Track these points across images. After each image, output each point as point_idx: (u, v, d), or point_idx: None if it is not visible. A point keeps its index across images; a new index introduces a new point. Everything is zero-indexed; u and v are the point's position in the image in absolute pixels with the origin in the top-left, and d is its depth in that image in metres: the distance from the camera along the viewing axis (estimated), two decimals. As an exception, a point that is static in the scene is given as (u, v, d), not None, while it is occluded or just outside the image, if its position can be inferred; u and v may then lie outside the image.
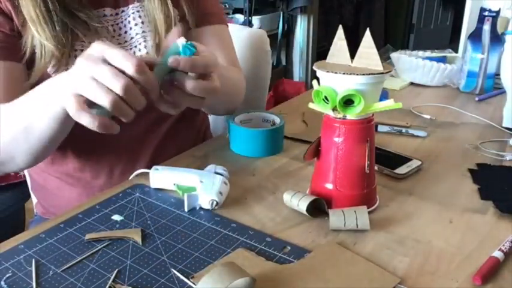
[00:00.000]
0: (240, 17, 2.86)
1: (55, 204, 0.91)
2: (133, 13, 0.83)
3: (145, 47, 0.82)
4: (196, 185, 0.69)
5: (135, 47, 0.82)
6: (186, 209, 0.67)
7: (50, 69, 0.76)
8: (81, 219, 0.65)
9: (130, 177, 0.76)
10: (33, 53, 0.74)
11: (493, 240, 0.61)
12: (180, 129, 0.93)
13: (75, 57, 0.75)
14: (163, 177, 0.72)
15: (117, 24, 0.82)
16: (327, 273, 0.54)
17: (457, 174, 0.79)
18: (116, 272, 0.55)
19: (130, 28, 0.83)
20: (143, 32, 0.82)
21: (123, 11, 0.83)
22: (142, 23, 0.83)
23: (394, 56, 1.30)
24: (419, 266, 0.56)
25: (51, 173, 0.88)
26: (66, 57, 0.75)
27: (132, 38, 0.82)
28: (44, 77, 0.76)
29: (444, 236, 0.62)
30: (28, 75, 0.75)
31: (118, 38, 0.82)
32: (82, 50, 0.77)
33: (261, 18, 2.93)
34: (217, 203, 0.66)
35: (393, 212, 0.68)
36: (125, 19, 0.83)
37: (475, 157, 0.85)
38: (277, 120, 0.88)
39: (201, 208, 0.68)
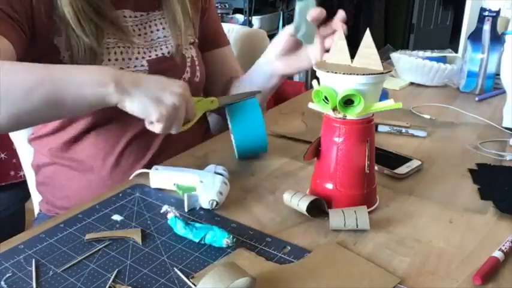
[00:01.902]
0: (240, 17, 2.86)
1: (63, 195, 0.91)
2: (154, 20, 0.91)
3: (166, 48, 0.90)
4: (196, 185, 0.69)
5: (157, 47, 0.90)
6: (186, 209, 0.67)
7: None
8: (81, 219, 0.65)
9: (131, 177, 0.76)
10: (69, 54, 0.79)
11: (493, 240, 0.61)
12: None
13: (109, 60, 0.82)
14: (163, 177, 0.72)
15: (137, 25, 0.89)
16: (327, 273, 0.54)
17: (457, 174, 0.79)
18: (115, 272, 0.55)
19: (152, 32, 0.90)
20: (164, 36, 0.91)
21: (142, 15, 0.89)
22: (164, 28, 0.91)
23: (394, 56, 1.29)
24: (419, 266, 0.56)
25: (63, 161, 0.90)
26: (100, 50, 0.80)
27: (152, 39, 0.90)
28: None
29: (444, 236, 0.62)
30: None
31: (138, 38, 0.88)
32: (108, 48, 0.83)
33: (261, 18, 2.93)
34: (217, 203, 0.66)
35: (393, 212, 0.68)
36: (145, 23, 0.90)
37: (475, 157, 0.85)
38: None
39: (201, 208, 0.68)
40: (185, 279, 0.54)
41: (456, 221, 0.65)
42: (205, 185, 0.68)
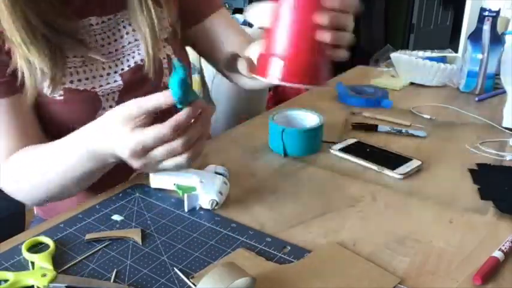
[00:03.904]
0: (240, 17, 2.86)
1: (56, 206, 0.90)
2: (122, 21, 0.81)
3: (139, 54, 0.81)
4: (196, 185, 0.69)
5: (128, 55, 0.81)
6: (186, 209, 0.67)
7: (46, 90, 0.73)
8: (81, 219, 0.65)
9: (131, 177, 0.76)
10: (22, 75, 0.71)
11: (493, 240, 0.61)
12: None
13: (71, 74, 0.74)
14: (163, 177, 0.72)
15: (105, 32, 0.80)
16: (327, 273, 0.54)
17: (457, 174, 0.79)
18: (115, 272, 0.55)
19: (121, 36, 0.81)
20: (136, 40, 0.81)
21: (110, 19, 0.80)
22: (134, 30, 0.81)
23: (394, 56, 1.29)
24: (419, 266, 0.56)
25: None
26: (60, 76, 0.72)
27: (123, 46, 0.81)
28: (42, 97, 0.74)
29: (444, 236, 0.62)
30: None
31: (108, 47, 0.79)
32: (75, 67, 0.75)
33: (261, 18, 2.93)
34: (217, 203, 0.66)
35: (393, 212, 0.68)
36: (113, 27, 0.81)
37: (475, 157, 0.85)
38: (312, 117, 0.88)
39: (201, 208, 0.68)
40: (185, 279, 0.54)
41: (456, 221, 0.65)
42: (205, 185, 0.68)
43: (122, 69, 0.79)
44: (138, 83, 0.79)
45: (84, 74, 0.75)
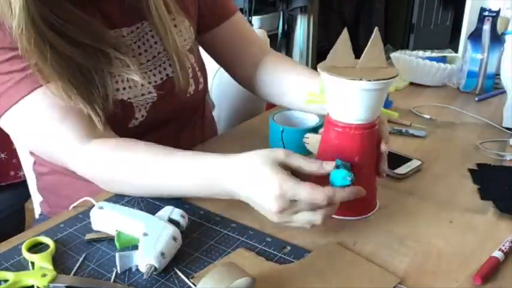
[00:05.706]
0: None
1: (66, 203, 0.90)
2: (150, 31, 0.81)
3: (170, 65, 0.81)
4: (139, 238, 0.56)
5: (159, 66, 0.81)
6: (119, 270, 0.55)
7: None
8: (81, 219, 0.65)
9: (70, 207, 0.74)
10: None
11: (493, 240, 0.61)
12: (184, 133, 0.92)
13: (117, 90, 0.74)
14: (106, 219, 0.61)
15: (135, 42, 0.79)
16: (327, 273, 0.54)
17: (457, 174, 0.79)
18: (115, 272, 0.55)
19: (150, 46, 0.81)
20: (164, 50, 0.81)
21: (138, 28, 0.80)
22: (161, 39, 0.81)
23: (394, 56, 1.29)
24: (419, 266, 0.56)
25: (65, 171, 0.81)
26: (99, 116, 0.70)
27: (154, 56, 0.81)
28: None
29: (444, 236, 0.62)
30: None
31: (139, 58, 0.79)
32: (114, 77, 0.74)
33: (261, 18, 2.93)
34: (155, 269, 0.53)
35: (393, 212, 0.68)
36: (142, 36, 0.80)
37: (475, 157, 0.85)
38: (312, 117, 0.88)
39: (200, 208, 0.68)
40: (185, 279, 0.54)
41: (456, 221, 0.65)
42: (148, 241, 0.55)
43: (155, 81, 0.80)
44: (170, 94, 0.80)
45: (122, 83, 0.76)
